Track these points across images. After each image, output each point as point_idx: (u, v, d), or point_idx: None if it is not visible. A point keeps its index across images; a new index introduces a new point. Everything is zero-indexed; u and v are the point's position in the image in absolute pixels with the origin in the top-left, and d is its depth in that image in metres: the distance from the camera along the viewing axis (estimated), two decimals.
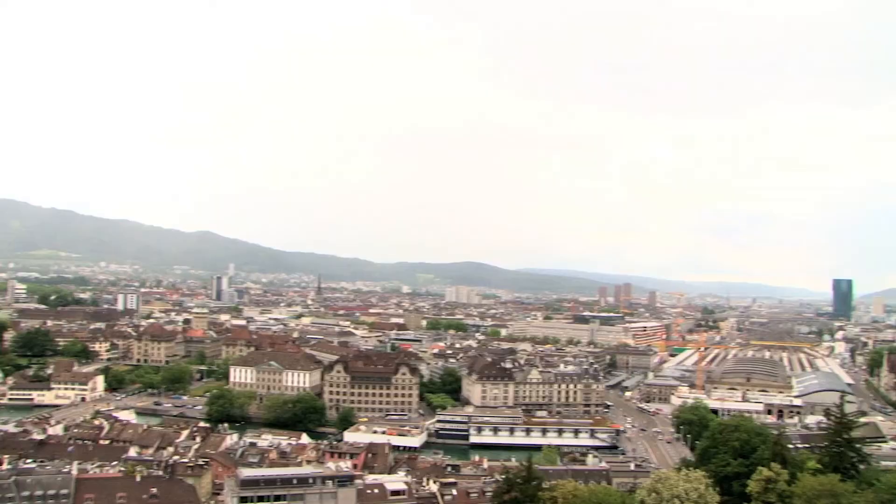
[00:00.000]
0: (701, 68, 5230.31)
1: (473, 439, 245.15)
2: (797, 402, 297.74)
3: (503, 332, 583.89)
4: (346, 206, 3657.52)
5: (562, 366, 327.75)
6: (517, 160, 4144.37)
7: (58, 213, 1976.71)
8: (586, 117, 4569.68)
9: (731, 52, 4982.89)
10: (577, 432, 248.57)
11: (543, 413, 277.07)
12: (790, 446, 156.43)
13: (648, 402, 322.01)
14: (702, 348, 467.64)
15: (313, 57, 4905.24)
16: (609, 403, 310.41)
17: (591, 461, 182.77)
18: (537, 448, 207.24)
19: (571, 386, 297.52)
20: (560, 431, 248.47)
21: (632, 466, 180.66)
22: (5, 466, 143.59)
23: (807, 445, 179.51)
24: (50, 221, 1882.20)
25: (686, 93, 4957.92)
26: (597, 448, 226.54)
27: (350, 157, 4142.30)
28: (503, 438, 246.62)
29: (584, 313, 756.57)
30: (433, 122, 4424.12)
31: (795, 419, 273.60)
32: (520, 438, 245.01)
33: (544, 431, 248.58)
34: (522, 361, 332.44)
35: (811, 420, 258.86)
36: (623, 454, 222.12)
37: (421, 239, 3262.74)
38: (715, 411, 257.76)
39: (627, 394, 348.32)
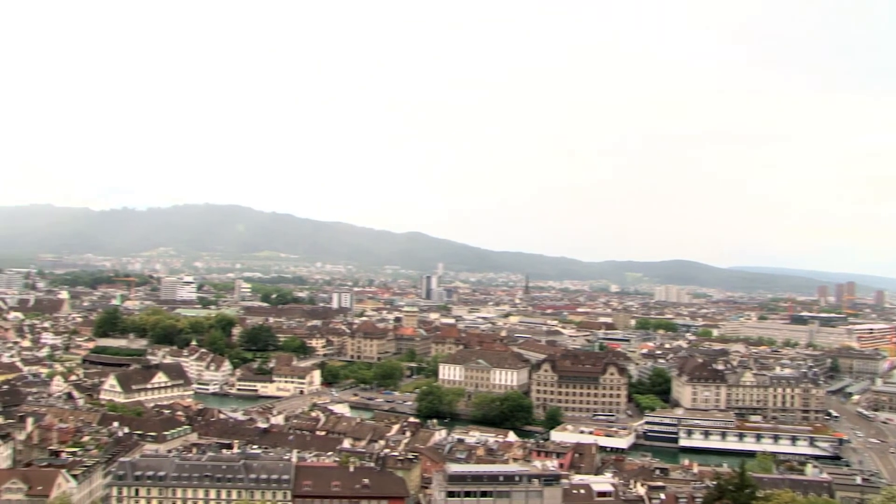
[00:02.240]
0: None
1: (683, 442, 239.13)
2: None
3: (714, 332, 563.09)
4: (553, 206, 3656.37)
5: (778, 369, 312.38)
6: (726, 155, 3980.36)
7: (278, 217, 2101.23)
8: (797, 108, 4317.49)
9: None
10: (794, 439, 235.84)
11: (757, 418, 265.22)
12: None
13: (876, 410, 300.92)
14: None
15: (528, 63, 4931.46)
16: (831, 411, 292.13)
17: (811, 471, 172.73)
18: (751, 454, 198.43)
19: (788, 390, 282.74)
20: (776, 438, 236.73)
21: (858, 480, 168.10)
22: (235, 451, 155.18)
23: None
24: (271, 225, 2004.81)
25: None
26: (817, 458, 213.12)
27: (556, 159, 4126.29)
28: (714, 443, 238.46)
29: (803, 313, 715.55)
30: (641, 123, 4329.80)
31: None
32: (732, 443, 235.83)
33: (758, 437, 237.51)
34: (735, 363, 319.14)
35: None
36: (847, 466, 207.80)
37: (629, 237, 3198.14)
38: None
39: (854, 398, 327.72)
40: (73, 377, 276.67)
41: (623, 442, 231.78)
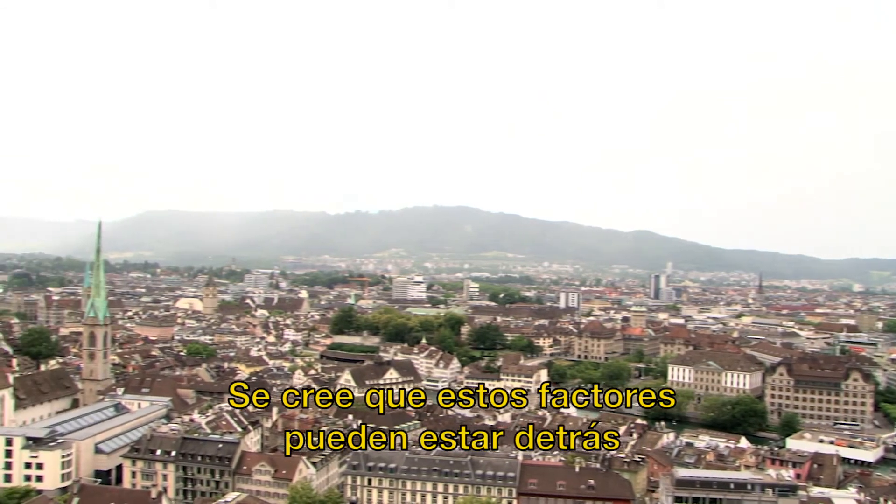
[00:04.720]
0: None
1: None
2: None
3: None
4: (786, 199, 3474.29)
5: None
6: None
7: (505, 218, 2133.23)
8: None
9: None
10: None
11: None
12: None
13: None
14: None
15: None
16: None
17: None
18: None
19: None
20: None
21: None
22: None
23: None
24: (498, 225, 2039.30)
25: None
26: None
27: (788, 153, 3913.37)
28: None
29: None
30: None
31: None
32: None
33: None
34: None
35: None
36: None
37: (874, 232, 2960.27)
38: None
39: None
40: (312, 371, 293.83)
41: (870, 454, 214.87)
